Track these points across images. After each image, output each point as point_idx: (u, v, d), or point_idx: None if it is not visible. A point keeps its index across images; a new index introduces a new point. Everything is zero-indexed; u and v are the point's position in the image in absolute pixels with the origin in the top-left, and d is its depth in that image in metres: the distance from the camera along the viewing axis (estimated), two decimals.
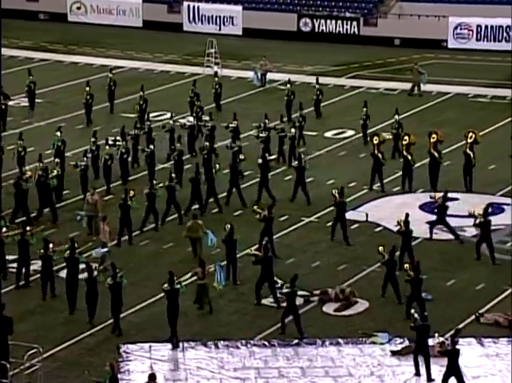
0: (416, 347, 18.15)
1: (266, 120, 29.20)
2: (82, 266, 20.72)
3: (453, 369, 17.44)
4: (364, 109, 30.51)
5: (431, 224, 23.96)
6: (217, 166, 25.98)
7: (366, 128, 30.31)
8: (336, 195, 23.82)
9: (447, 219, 23.97)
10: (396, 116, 29.56)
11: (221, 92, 33.92)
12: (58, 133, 28.55)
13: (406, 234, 22.19)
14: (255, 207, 23.77)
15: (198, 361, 18.86)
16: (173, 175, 25.35)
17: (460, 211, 25.55)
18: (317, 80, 33.51)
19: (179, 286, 19.42)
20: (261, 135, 28.71)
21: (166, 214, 24.88)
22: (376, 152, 27.29)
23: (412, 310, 18.65)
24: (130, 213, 23.59)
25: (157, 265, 22.58)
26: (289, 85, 33.01)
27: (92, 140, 28.08)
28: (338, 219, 23.71)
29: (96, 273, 19.95)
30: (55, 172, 25.56)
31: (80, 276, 20.71)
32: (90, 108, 32.57)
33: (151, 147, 27.87)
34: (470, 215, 23.02)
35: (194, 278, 20.81)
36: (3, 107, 31.73)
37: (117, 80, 34.76)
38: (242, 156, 26.69)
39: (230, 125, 29.31)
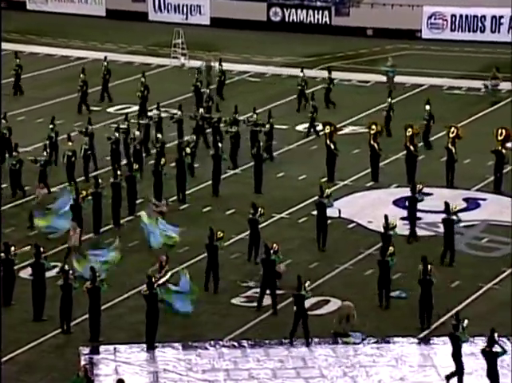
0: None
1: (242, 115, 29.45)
2: (54, 269, 20.75)
3: (490, 371, 17.41)
4: (389, 100, 30.67)
5: None
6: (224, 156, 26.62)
7: (389, 120, 30.32)
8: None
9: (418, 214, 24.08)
10: (427, 107, 29.69)
11: (224, 81, 33.87)
12: (4, 121, 28.48)
13: (386, 237, 21.91)
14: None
15: (164, 363, 18.84)
16: (135, 165, 25.63)
17: (434, 206, 25.77)
18: (329, 70, 33.65)
19: (156, 290, 19.36)
20: (230, 129, 28.78)
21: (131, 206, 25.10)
22: (328, 142, 27.52)
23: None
24: (82, 213, 23.56)
25: (122, 264, 22.50)
26: (302, 74, 33.10)
27: (50, 126, 28.04)
28: (318, 222, 23.27)
29: (72, 278, 19.79)
30: None
31: (50, 274, 20.66)
32: (85, 96, 32.57)
33: (137, 133, 27.82)
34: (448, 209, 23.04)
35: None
36: None
37: (79, 72, 34.59)
38: (188, 150, 26.76)
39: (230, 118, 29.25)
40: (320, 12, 43.44)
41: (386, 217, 22.28)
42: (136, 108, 32.97)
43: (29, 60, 39.15)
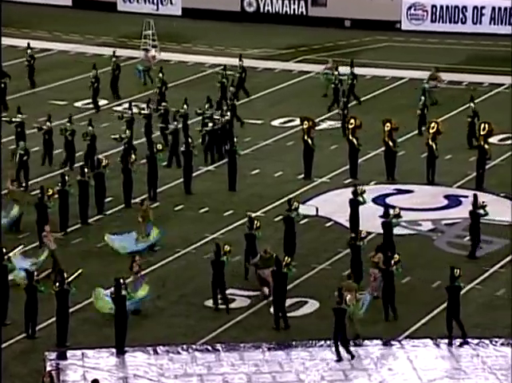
0: None
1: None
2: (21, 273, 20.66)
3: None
4: (422, 98, 30.40)
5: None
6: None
7: (424, 118, 29.90)
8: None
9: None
10: (472, 104, 29.49)
11: (245, 78, 33.61)
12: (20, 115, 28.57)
13: (355, 248, 21.54)
14: None
15: (135, 368, 18.80)
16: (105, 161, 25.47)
17: (416, 204, 25.91)
18: (352, 63, 33.25)
19: (125, 292, 19.28)
20: (169, 128, 28.59)
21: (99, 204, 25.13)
22: (305, 137, 27.54)
23: None
24: (47, 212, 23.46)
25: (90, 264, 22.43)
26: (336, 72, 32.75)
27: None
28: (286, 238, 22.67)
29: (37, 280, 19.70)
30: None
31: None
32: (97, 93, 32.38)
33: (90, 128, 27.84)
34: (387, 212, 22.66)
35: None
36: (2, 85, 32.40)
37: (44, 65, 34.46)
38: (159, 146, 26.67)
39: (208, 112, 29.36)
40: (296, 2, 43.47)
41: (356, 229, 22.10)
42: (106, 102, 32.89)
43: None
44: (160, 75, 32.67)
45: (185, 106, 29.53)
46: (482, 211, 22.90)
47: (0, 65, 31.21)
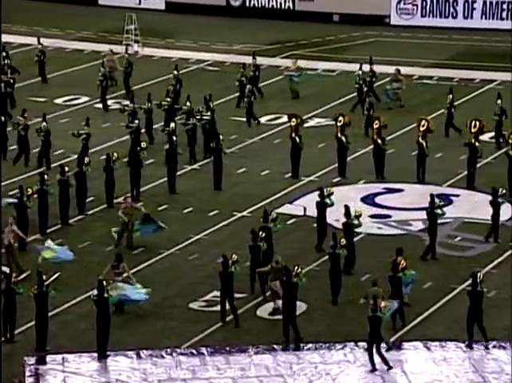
0: None
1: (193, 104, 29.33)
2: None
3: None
4: (450, 96, 29.93)
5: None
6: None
7: (452, 118, 29.70)
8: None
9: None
10: (499, 101, 29.34)
11: (259, 76, 33.48)
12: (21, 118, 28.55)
13: (334, 256, 21.25)
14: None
15: (117, 372, 18.77)
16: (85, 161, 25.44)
17: (406, 203, 25.97)
18: (371, 60, 32.95)
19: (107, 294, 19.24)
20: (187, 122, 28.72)
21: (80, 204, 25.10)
22: (293, 135, 27.58)
23: None
24: (27, 213, 23.38)
25: (71, 266, 22.37)
26: (360, 72, 32.50)
27: None
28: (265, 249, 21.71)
29: (14, 282, 19.62)
30: None
31: None
32: (105, 92, 32.36)
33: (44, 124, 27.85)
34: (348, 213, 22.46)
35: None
36: (11, 81, 32.53)
37: (23, 60, 34.34)
38: (144, 144, 26.62)
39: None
40: None
41: (334, 235, 21.66)
42: (87, 99, 32.84)
43: None
44: (175, 72, 32.58)
45: (188, 103, 29.48)
46: (439, 211, 23.00)
47: (0, 60, 31.20)
